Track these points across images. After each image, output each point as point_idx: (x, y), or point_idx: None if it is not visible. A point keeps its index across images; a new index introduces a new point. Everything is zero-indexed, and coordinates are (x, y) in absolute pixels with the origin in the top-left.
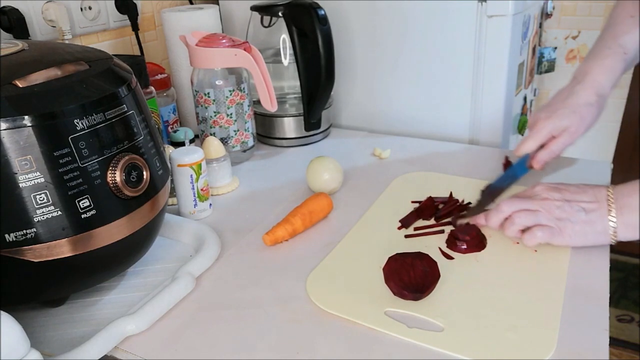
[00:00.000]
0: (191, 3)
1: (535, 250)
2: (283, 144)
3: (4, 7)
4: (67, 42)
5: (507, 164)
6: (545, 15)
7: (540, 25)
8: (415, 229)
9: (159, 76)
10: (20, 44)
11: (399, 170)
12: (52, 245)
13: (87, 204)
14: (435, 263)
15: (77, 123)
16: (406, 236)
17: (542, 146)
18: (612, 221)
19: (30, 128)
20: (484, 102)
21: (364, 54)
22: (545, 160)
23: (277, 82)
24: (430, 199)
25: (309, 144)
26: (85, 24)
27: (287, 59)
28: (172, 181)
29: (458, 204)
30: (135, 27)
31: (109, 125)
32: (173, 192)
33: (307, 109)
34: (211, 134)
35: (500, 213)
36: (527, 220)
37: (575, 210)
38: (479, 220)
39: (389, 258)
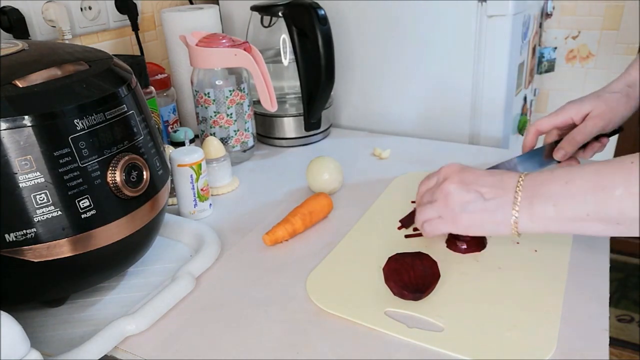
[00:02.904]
0: (191, 3)
1: (535, 250)
2: (283, 144)
3: (4, 7)
4: (67, 42)
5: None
6: (545, 15)
7: (540, 25)
8: (415, 229)
9: (159, 76)
10: (20, 44)
11: (399, 170)
12: (52, 245)
13: (87, 204)
14: (435, 263)
15: (77, 123)
16: (406, 236)
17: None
18: (515, 210)
19: (30, 128)
20: (484, 102)
21: (364, 54)
22: (566, 149)
23: (277, 82)
24: None
25: (309, 144)
26: (85, 24)
27: (287, 59)
28: (172, 181)
29: None
30: (135, 27)
31: (109, 125)
32: (173, 192)
33: (307, 109)
34: (211, 134)
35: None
36: (426, 215)
37: (473, 196)
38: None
39: (389, 258)
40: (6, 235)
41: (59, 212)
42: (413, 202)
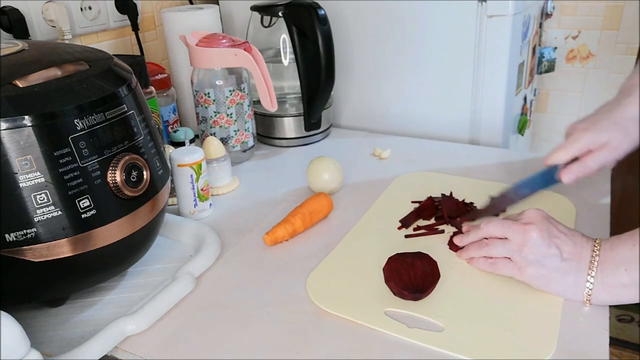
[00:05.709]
0: (191, 3)
1: None
2: (283, 144)
3: (4, 7)
4: (67, 42)
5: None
6: (545, 15)
7: (540, 25)
8: (415, 229)
9: (159, 76)
10: (20, 44)
11: (399, 170)
12: (52, 245)
13: (87, 203)
14: (435, 263)
15: (77, 123)
16: (406, 236)
17: (576, 159)
18: (591, 276)
19: (30, 128)
20: (484, 102)
21: (364, 54)
22: (578, 175)
23: (277, 82)
24: (430, 199)
25: (309, 144)
26: (85, 24)
27: (287, 59)
28: (172, 181)
29: (457, 203)
30: (135, 27)
31: (109, 125)
32: (173, 192)
33: (307, 109)
34: (211, 134)
35: (480, 232)
36: (493, 252)
37: (552, 252)
38: (456, 239)
39: (389, 258)
40: (6, 235)
41: (59, 212)
42: (413, 202)
